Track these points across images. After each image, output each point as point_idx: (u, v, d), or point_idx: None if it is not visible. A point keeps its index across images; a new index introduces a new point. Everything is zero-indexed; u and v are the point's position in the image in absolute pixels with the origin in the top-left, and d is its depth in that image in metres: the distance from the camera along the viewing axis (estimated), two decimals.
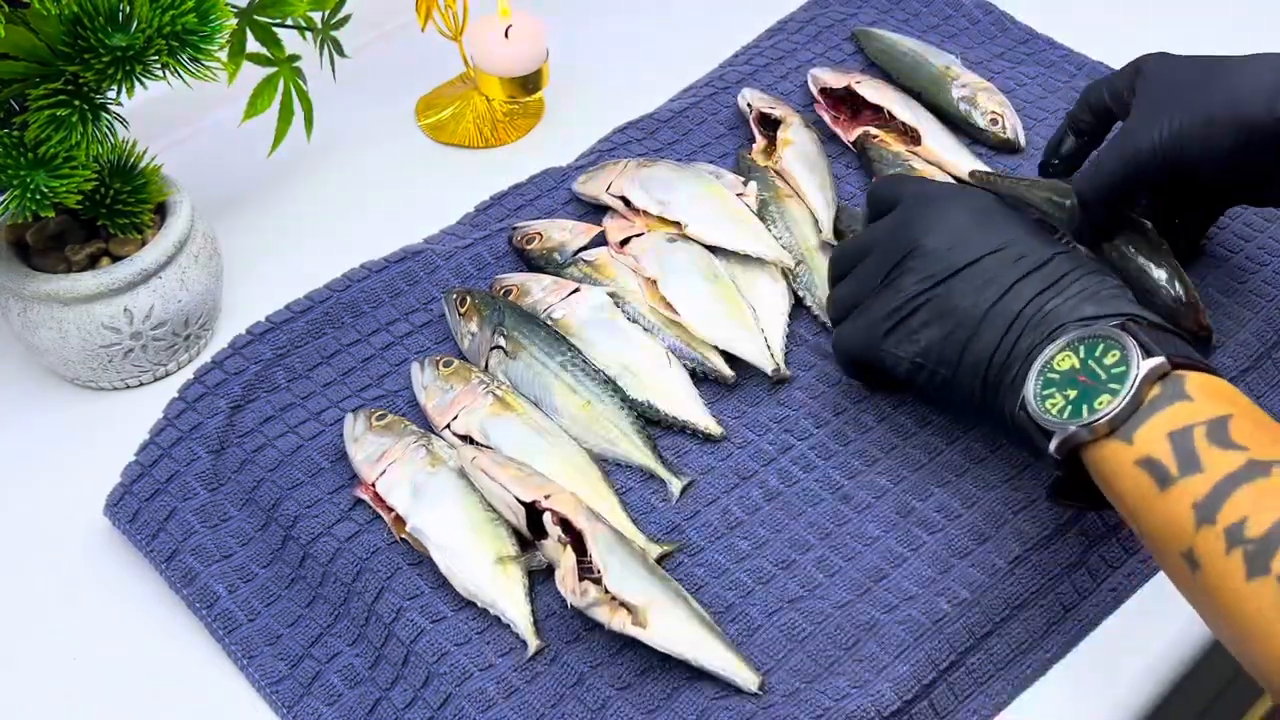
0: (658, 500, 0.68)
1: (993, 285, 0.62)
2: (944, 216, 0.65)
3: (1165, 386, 0.55)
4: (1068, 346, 0.58)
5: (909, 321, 0.64)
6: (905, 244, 0.65)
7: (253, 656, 0.64)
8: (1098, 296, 0.60)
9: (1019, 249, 0.63)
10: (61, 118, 0.66)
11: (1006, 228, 0.64)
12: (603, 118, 0.90)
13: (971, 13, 0.97)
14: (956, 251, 0.63)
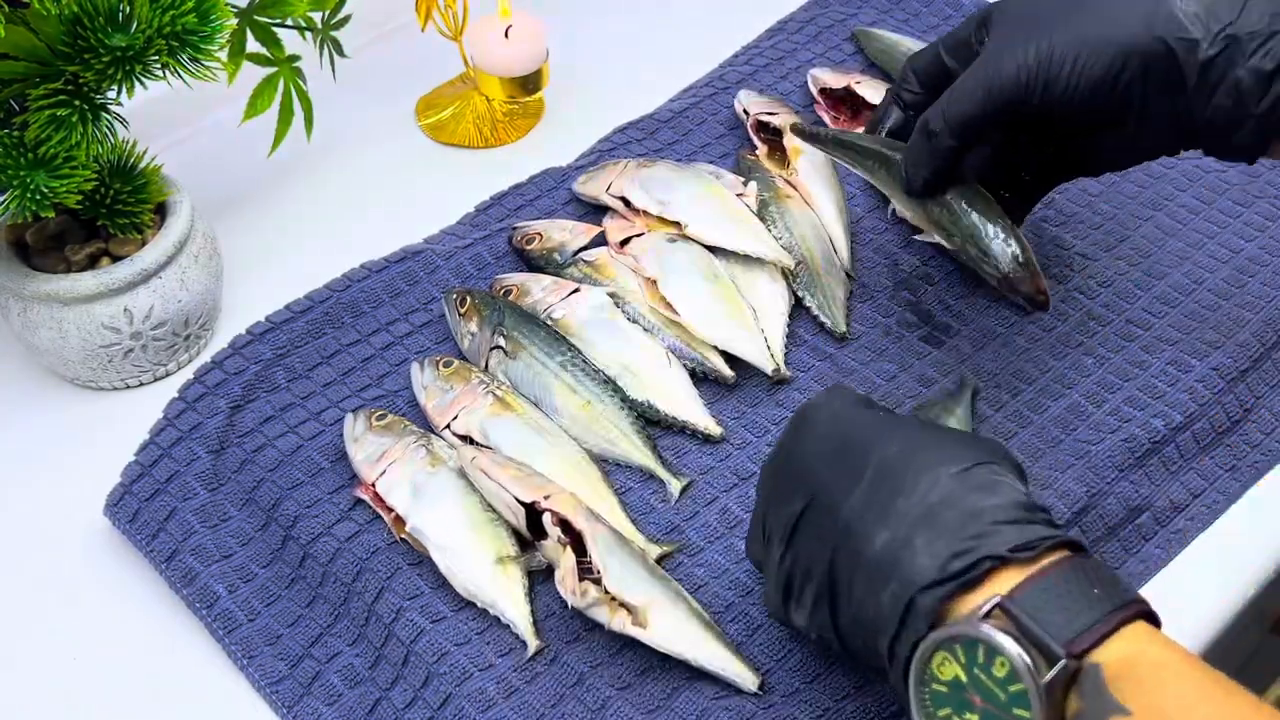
0: (657, 500, 0.68)
1: (826, 521, 0.51)
2: (779, 460, 0.55)
3: (1085, 695, 0.43)
4: (941, 647, 0.46)
5: (791, 588, 0.54)
6: (760, 503, 0.57)
7: (253, 656, 0.64)
8: (929, 516, 0.48)
9: (845, 461, 0.52)
10: (61, 118, 0.66)
11: (838, 438, 0.53)
12: (603, 118, 0.90)
13: (971, 13, 0.97)
14: (793, 494, 0.53)
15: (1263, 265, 0.77)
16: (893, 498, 0.49)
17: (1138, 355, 0.73)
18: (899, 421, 0.54)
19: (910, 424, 0.54)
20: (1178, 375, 0.72)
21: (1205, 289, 0.76)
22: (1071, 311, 0.76)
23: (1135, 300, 0.76)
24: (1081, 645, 0.44)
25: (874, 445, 0.52)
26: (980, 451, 0.51)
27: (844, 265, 0.79)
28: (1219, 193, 0.81)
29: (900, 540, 0.48)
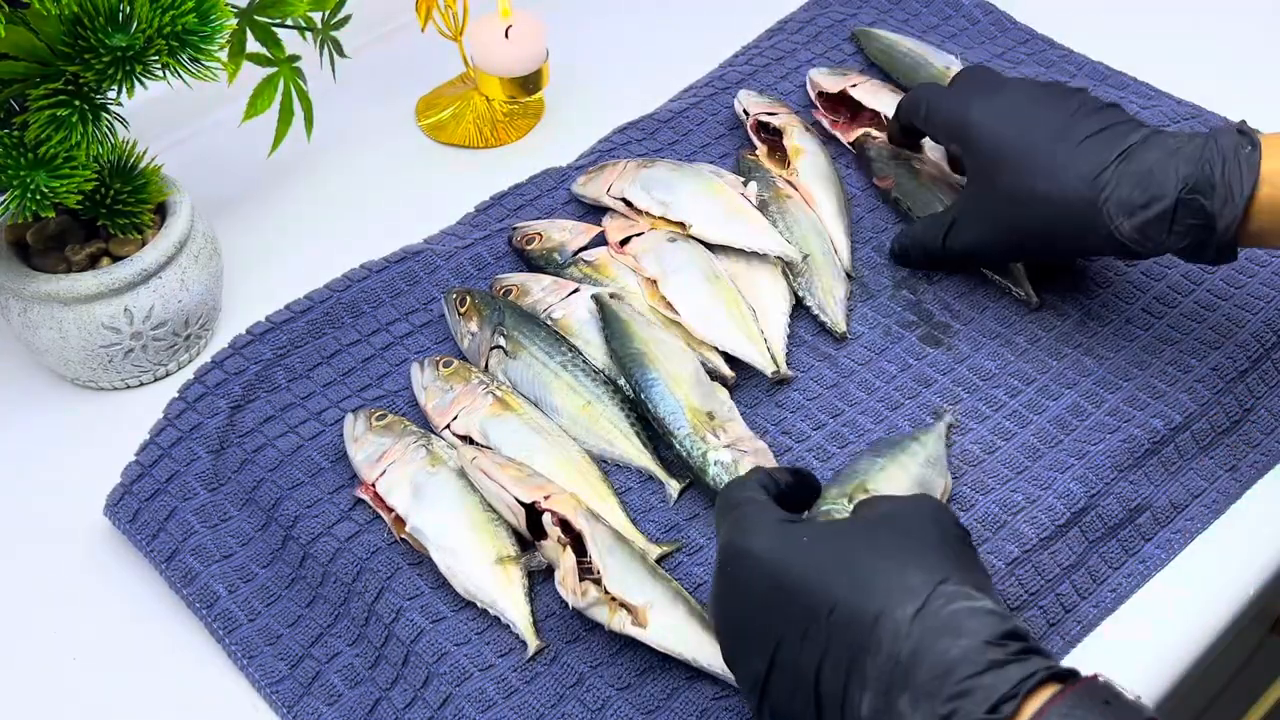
0: (657, 500, 0.68)
1: (799, 693, 0.50)
2: (721, 605, 0.54)
3: None
4: None
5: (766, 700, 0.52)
6: (725, 649, 0.55)
7: (253, 656, 0.64)
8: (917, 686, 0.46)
9: (803, 620, 0.50)
10: (61, 118, 0.66)
11: (789, 589, 0.50)
12: (603, 118, 0.90)
13: (971, 13, 0.97)
14: (752, 653, 0.52)
15: (1262, 265, 0.77)
16: (861, 656, 0.48)
17: (1137, 355, 0.73)
18: (830, 547, 0.51)
19: (842, 544, 0.51)
20: (1177, 375, 0.72)
21: (1204, 289, 0.76)
22: (1071, 311, 0.76)
23: (1135, 301, 0.76)
24: None
25: (820, 590, 0.49)
26: (926, 565, 0.49)
27: (844, 265, 0.79)
28: None
29: (883, 708, 0.47)
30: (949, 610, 0.47)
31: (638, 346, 0.70)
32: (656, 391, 0.69)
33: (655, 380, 0.69)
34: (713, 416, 0.68)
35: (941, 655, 0.46)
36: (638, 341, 0.71)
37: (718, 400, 0.69)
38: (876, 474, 0.65)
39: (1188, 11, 0.99)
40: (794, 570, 0.51)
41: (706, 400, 0.69)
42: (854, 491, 0.63)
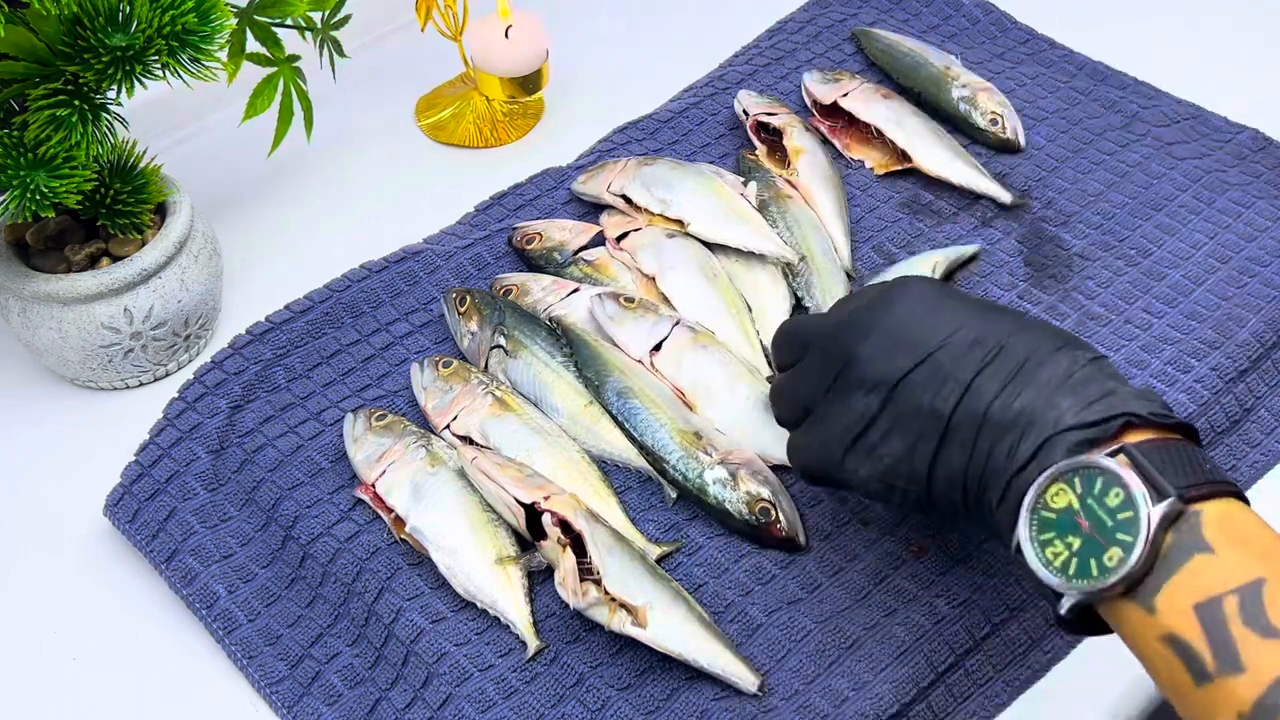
0: (657, 500, 0.68)
1: (949, 383, 0.54)
2: (879, 315, 0.57)
3: (1180, 533, 0.49)
4: (1060, 479, 0.51)
5: (867, 437, 0.57)
6: (842, 352, 0.58)
7: (253, 656, 0.64)
8: (1072, 383, 0.53)
9: (969, 333, 0.55)
10: (61, 118, 0.66)
11: (952, 312, 0.56)
12: (603, 118, 0.90)
13: (971, 13, 0.97)
14: (901, 351, 0.56)
15: (1263, 265, 0.77)
16: (1035, 370, 0.53)
17: (1137, 356, 0.73)
18: (1014, 311, 0.57)
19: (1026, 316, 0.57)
20: (1177, 375, 0.72)
21: (1204, 290, 0.76)
22: (1070, 312, 0.76)
23: (1134, 302, 0.76)
24: (1189, 495, 0.49)
25: (1004, 327, 0.55)
26: (1091, 348, 0.56)
27: (844, 265, 0.79)
28: (1218, 193, 0.81)
29: (1044, 400, 0.53)
30: (1116, 370, 0.55)
31: (614, 375, 0.70)
32: (641, 420, 0.68)
33: (637, 408, 0.69)
34: (699, 435, 0.68)
35: (1112, 384, 0.53)
36: (613, 370, 0.70)
37: (697, 419, 0.69)
38: None
39: (1188, 11, 0.99)
40: (980, 305, 0.57)
41: (689, 420, 0.69)
42: None
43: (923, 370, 0.55)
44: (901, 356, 0.56)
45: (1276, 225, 0.79)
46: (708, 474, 0.66)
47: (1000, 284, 0.77)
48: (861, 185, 0.84)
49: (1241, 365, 0.72)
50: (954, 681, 0.61)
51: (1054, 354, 0.54)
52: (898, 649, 0.61)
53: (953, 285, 0.61)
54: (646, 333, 0.72)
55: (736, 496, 0.65)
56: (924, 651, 0.61)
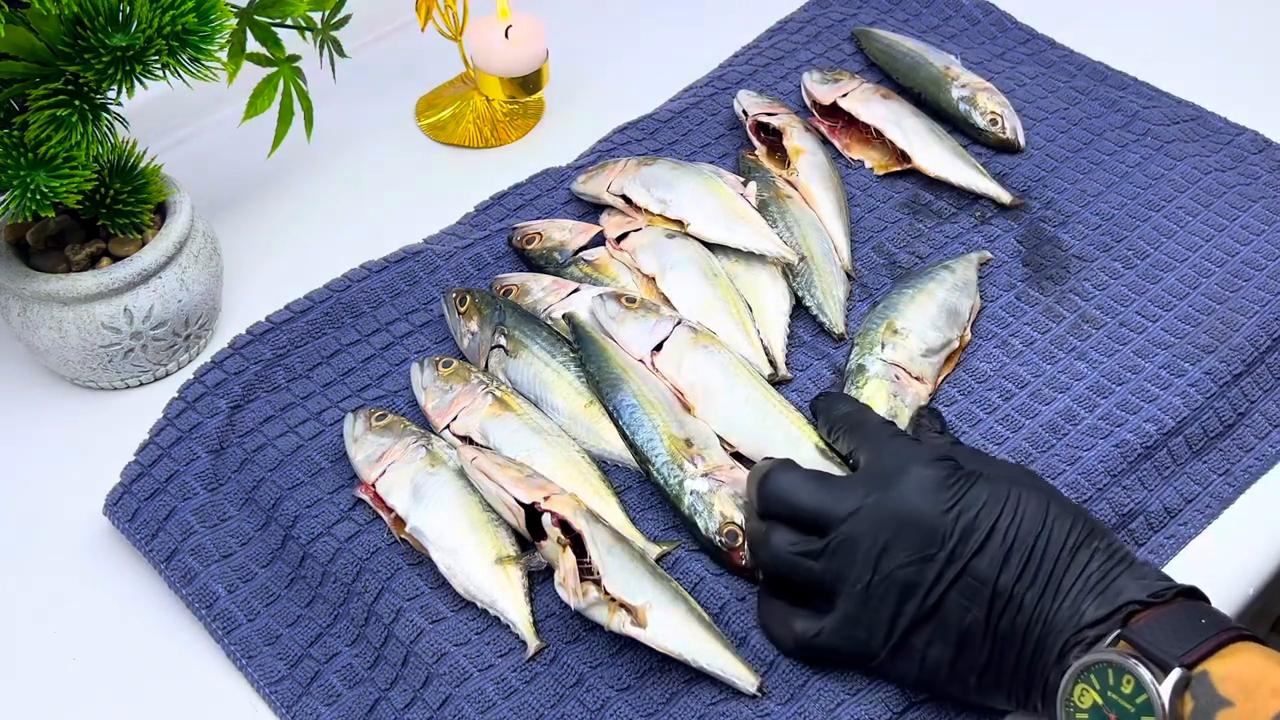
0: (657, 500, 0.68)
1: (993, 598, 0.56)
2: (906, 501, 0.58)
3: (1197, 697, 0.51)
4: (1080, 679, 0.54)
5: (909, 643, 0.58)
6: (873, 542, 0.58)
7: (252, 656, 0.64)
8: (1090, 585, 0.56)
9: (1002, 541, 0.57)
10: (61, 118, 0.66)
11: (984, 511, 0.57)
12: (603, 118, 0.90)
13: (971, 13, 0.97)
14: (935, 555, 0.57)
15: (1258, 269, 0.77)
16: (1061, 575, 0.56)
17: (1131, 359, 0.73)
18: (1026, 489, 0.59)
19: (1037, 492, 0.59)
20: (1171, 379, 0.72)
21: (1200, 293, 0.76)
22: (1066, 313, 0.76)
23: (1130, 304, 0.76)
24: (1191, 658, 0.52)
25: (1027, 523, 0.57)
26: (1079, 513, 0.58)
27: (844, 265, 0.79)
28: (1216, 195, 0.82)
29: (1069, 607, 0.56)
30: (1109, 547, 0.58)
31: (615, 371, 0.70)
32: (633, 417, 0.68)
33: (632, 406, 0.69)
34: (690, 443, 0.68)
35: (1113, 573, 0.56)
36: (615, 366, 0.70)
37: (696, 426, 0.69)
38: (905, 306, 0.73)
39: (1188, 11, 0.99)
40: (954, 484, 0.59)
41: (685, 426, 0.69)
42: (884, 333, 0.72)
43: (962, 582, 0.57)
44: (933, 561, 0.57)
45: (1273, 228, 0.80)
46: (687, 483, 0.66)
47: (999, 284, 0.78)
48: (861, 185, 0.84)
49: (1236, 369, 0.72)
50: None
51: (1074, 554, 0.57)
52: None
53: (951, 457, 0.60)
54: (647, 333, 0.72)
55: (708, 513, 0.65)
56: None
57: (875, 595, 0.58)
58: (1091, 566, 0.56)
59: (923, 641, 0.58)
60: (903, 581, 0.57)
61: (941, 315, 0.73)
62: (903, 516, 0.58)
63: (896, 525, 0.58)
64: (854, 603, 0.58)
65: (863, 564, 0.58)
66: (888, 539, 0.58)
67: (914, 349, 0.71)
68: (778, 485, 0.61)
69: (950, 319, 0.73)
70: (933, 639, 0.58)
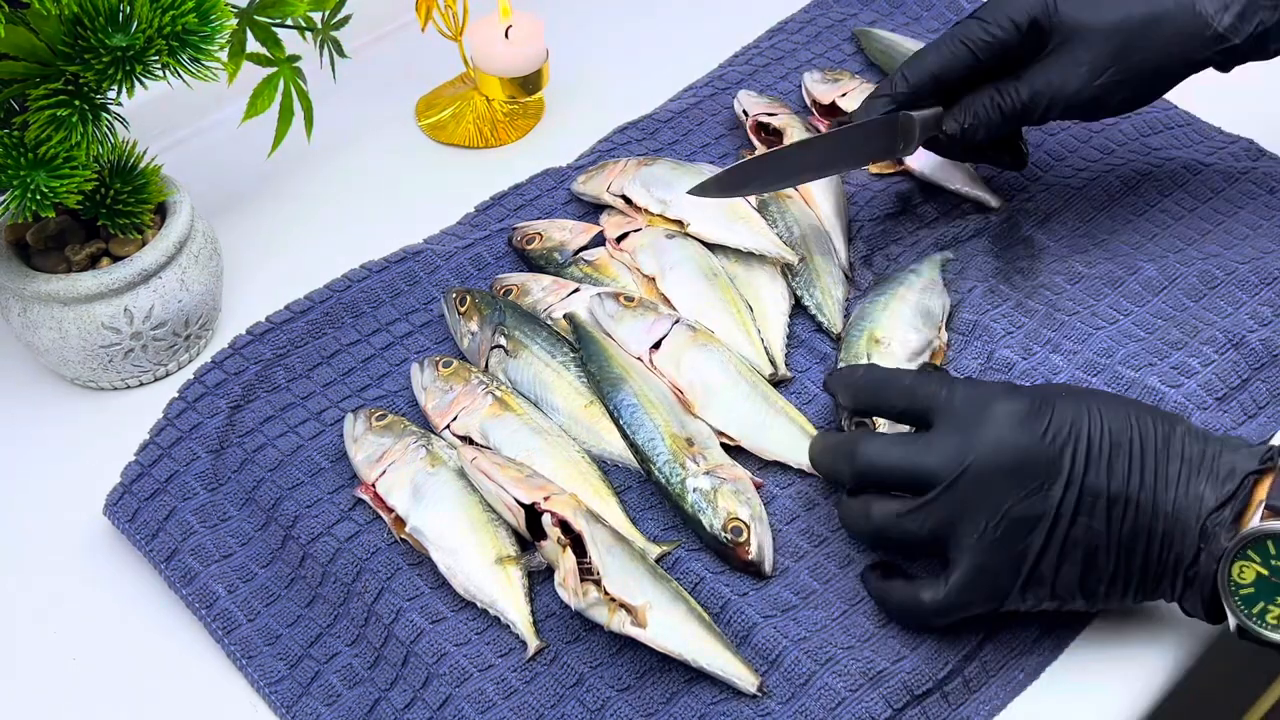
0: (657, 500, 0.68)
1: (1109, 505, 0.58)
2: (999, 440, 0.58)
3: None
4: (1239, 558, 0.56)
5: (1038, 572, 0.59)
6: (978, 490, 0.58)
7: (252, 656, 0.64)
8: (1197, 465, 0.58)
9: (1101, 450, 0.58)
10: (62, 118, 0.66)
11: (1064, 423, 0.58)
12: (603, 118, 0.90)
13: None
14: (1046, 482, 0.58)
15: (1241, 262, 0.76)
16: (1165, 467, 0.58)
17: (1105, 344, 0.72)
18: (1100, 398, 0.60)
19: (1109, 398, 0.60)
20: (1144, 367, 0.71)
21: (1177, 288, 0.76)
22: (1038, 307, 0.75)
23: (1103, 298, 0.75)
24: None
25: (1118, 424, 0.59)
26: (1147, 406, 0.60)
27: (842, 265, 0.79)
28: (1203, 200, 0.81)
29: (1184, 495, 0.57)
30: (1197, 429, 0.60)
31: (616, 371, 0.70)
32: (634, 417, 0.68)
33: (633, 405, 0.69)
34: (691, 442, 0.68)
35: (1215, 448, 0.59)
36: (616, 365, 0.70)
37: (697, 426, 0.69)
38: (880, 314, 0.73)
39: None
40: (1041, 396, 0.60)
41: (685, 425, 0.69)
42: (867, 345, 0.72)
43: (1084, 500, 0.58)
44: (1051, 489, 0.58)
45: (1258, 233, 0.79)
46: (690, 481, 0.66)
47: (972, 278, 0.77)
48: (859, 184, 0.84)
49: (1208, 360, 0.71)
50: (951, 689, 0.61)
51: (1169, 443, 0.58)
52: (893, 655, 0.61)
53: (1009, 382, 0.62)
54: (646, 331, 0.72)
55: (712, 510, 0.65)
56: (921, 655, 0.61)
57: (997, 538, 0.58)
58: (1190, 450, 0.58)
59: (1051, 568, 0.58)
60: (1021, 517, 0.58)
61: (917, 317, 0.73)
62: (1005, 454, 0.58)
63: (1001, 464, 0.58)
64: (977, 552, 0.59)
65: (977, 512, 0.58)
66: (996, 480, 0.58)
67: (899, 354, 0.71)
68: (870, 454, 0.61)
69: (926, 319, 0.73)
70: (1061, 563, 0.58)
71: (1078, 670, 0.63)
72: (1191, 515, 0.57)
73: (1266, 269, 0.76)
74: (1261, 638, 0.56)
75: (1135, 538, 0.58)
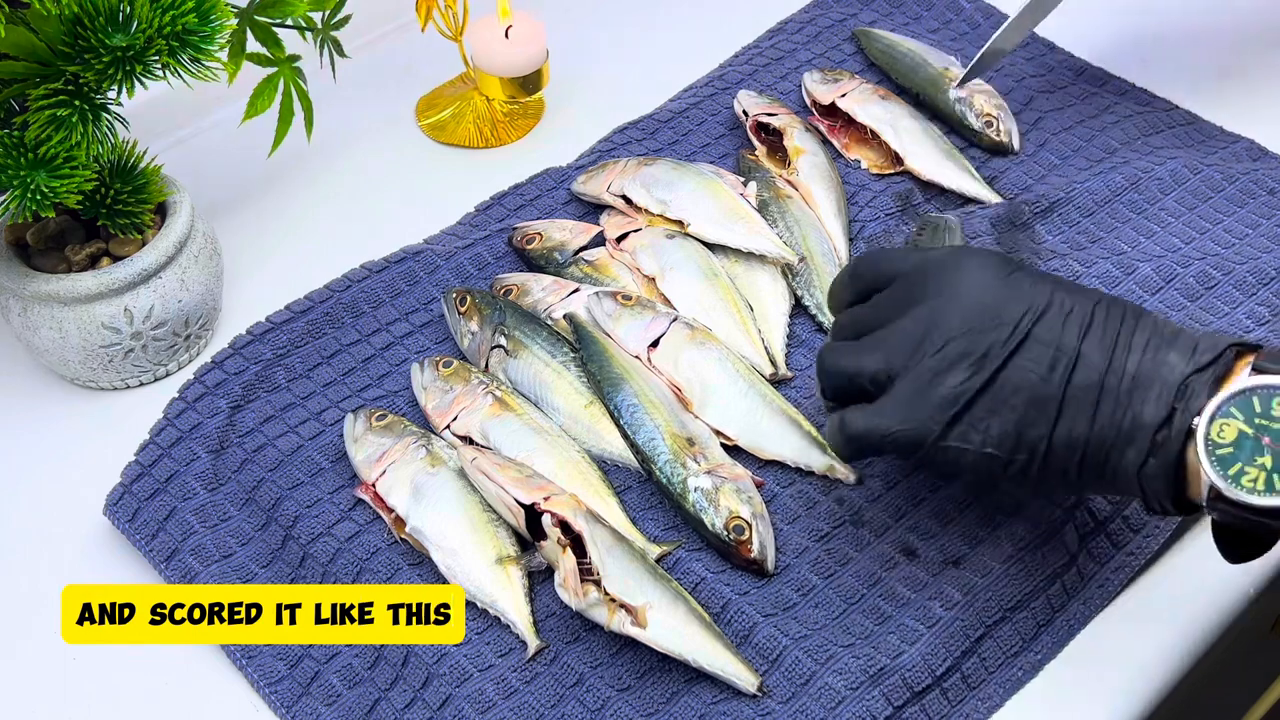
0: (657, 500, 0.68)
1: (1058, 358, 0.56)
2: (962, 286, 0.58)
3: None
4: (1219, 416, 0.53)
5: (971, 412, 0.56)
6: (929, 325, 0.57)
7: (251, 656, 0.64)
8: (1167, 339, 0.56)
9: (1060, 305, 0.57)
10: (62, 118, 0.66)
11: (1034, 283, 0.57)
12: (603, 118, 0.90)
13: (972, 17, 0.97)
14: (997, 325, 0.56)
15: (1238, 264, 0.76)
16: (1130, 336, 0.56)
17: None
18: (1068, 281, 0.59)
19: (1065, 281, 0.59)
20: None
21: (1173, 288, 0.76)
22: None
23: None
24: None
25: (1082, 296, 0.57)
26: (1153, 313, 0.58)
27: (842, 265, 0.79)
28: (1203, 199, 0.81)
29: (1151, 360, 0.55)
30: None
31: (616, 370, 0.70)
32: (635, 416, 0.69)
33: (634, 405, 0.69)
34: (692, 442, 0.68)
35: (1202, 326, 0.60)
36: (616, 365, 0.70)
37: (697, 426, 0.69)
38: None
39: (1187, 15, 0.99)
40: (1006, 260, 0.59)
41: (686, 425, 0.69)
42: None
43: (1027, 346, 0.56)
44: (997, 331, 0.56)
45: (1257, 232, 0.79)
46: (691, 481, 0.66)
47: None
48: (859, 184, 0.84)
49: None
50: (950, 685, 0.61)
51: (1139, 318, 0.57)
52: (893, 652, 0.61)
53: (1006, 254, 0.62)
54: (644, 329, 0.72)
55: (714, 509, 0.65)
56: (920, 653, 0.61)
57: (932, 370, 0.57)
58: (1163, 328, 0.56)
59: (984, 413, 0.56)
60: (961, 352, 0.56)
61: None
62: (960, 295, 0.57)
63: (953, 302, 0.57)
64: (910, 381, 0.57)
65: (921, 342, 0.57)
66: (944, 317, 0.57)
67: None
68: (849, 269, 0.63)
69: None
70: (995, 408, 0.56)
71: (1077, 669, 0.63)
72: (1156, 377, 0.54)
73: (1263, 269, 0.76)
74: (1235, 500, 0.53)
75: (1085, 390, 0.55)
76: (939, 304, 0.58)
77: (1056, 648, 0.63)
